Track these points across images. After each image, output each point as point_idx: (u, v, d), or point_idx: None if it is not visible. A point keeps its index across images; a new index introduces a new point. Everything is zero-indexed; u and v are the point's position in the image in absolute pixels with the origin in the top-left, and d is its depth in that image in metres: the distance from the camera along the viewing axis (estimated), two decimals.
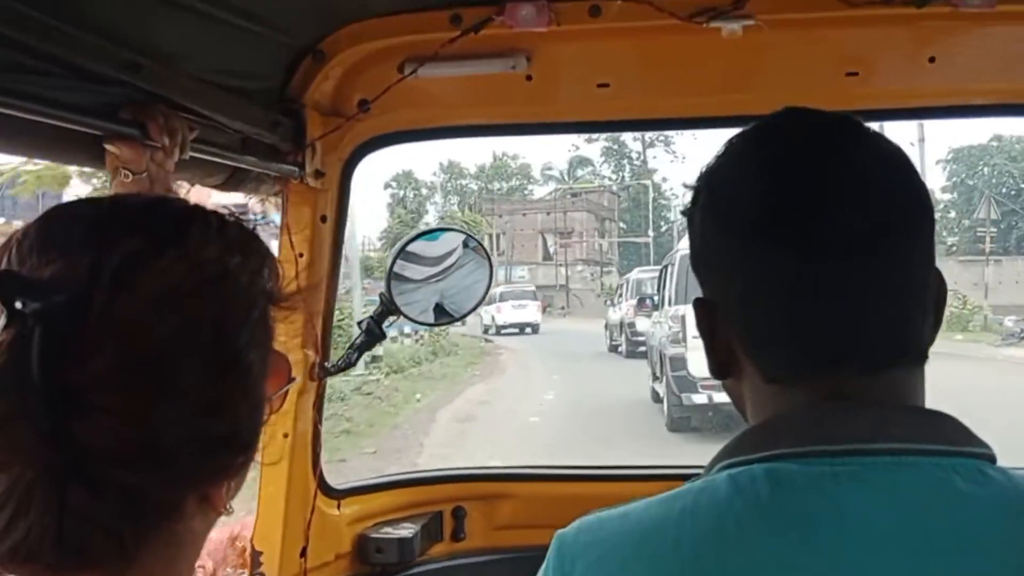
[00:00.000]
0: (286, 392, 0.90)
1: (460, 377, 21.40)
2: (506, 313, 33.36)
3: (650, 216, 62.54)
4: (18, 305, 0.68)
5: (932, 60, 1.82)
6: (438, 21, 1.80)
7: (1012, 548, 0.74)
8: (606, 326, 28.15)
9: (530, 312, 34.86)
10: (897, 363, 0.82)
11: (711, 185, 0.88)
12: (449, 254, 2.16)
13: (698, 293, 0.90)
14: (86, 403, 0.69)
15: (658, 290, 16.74)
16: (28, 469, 0.69)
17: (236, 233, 0.81)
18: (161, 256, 0.73)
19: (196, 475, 0.76)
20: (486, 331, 30.81)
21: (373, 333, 2.00)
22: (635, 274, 28.58)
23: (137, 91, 1.37)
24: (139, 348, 0.71)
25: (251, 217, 0.88)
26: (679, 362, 13.24)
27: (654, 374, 15.99)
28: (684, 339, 13.12)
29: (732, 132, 0.91)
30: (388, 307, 1.99)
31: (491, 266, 2.12)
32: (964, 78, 1.86)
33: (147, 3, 1.35)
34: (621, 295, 28.05)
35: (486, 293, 2.11)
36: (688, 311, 13.21)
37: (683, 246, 15.15)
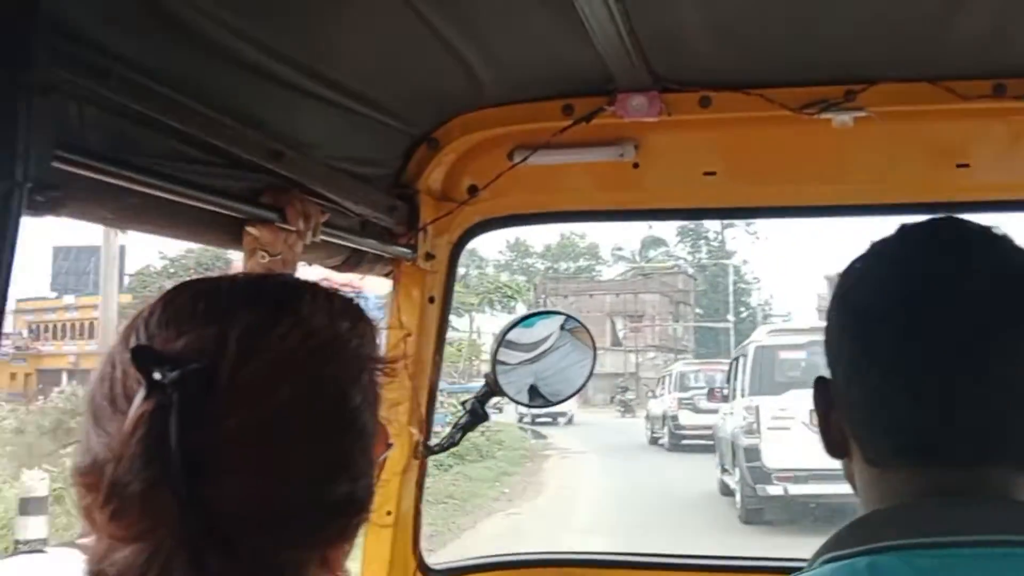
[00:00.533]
0: (385, 459, 0.93)
1: (480, 498, 15.89)
2: None
3: (730, 300, 57.40)
4: (156, 376, 0.72)
5: None
6: (549, 111, 1.86)
7: None
8: (647, 418, 27.52)
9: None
10: (991, 461, 0.83)
11: (849, 277, 0.93)
12: (545, 339, 2.16)
13: (771, 384, 0.93)
14: (218, 468, 0.72)
15: (728, 382, 16.55)
16: (169, 536, 0.71)
17: (342, 303, 0.86)
18: (278, 324, 0.78)
19: (320, 535, 0.79)
20: (520, 419, 29.11)
21: (477, 414, 2.02)
22: (678, 367, 28.01)
23: (276, 177, 1.44)
24: (263, 411, 0.75)
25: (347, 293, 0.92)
26: (753, 453, 13.00)
27: (722, 466, 15.72)
28: (759, 430, 12.91)
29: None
30: (492, 388, 2.01)
31: (593, 349, 2.11)
32: None
33: (287, 94, 1.44)
34: (663, 387, 27.58)
35: (588, 378, 2.10)
36: (762, 402, 13.03)
37: (757, 337, 14.91)
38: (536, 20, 1.49)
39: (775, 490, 12.65)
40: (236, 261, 1.84)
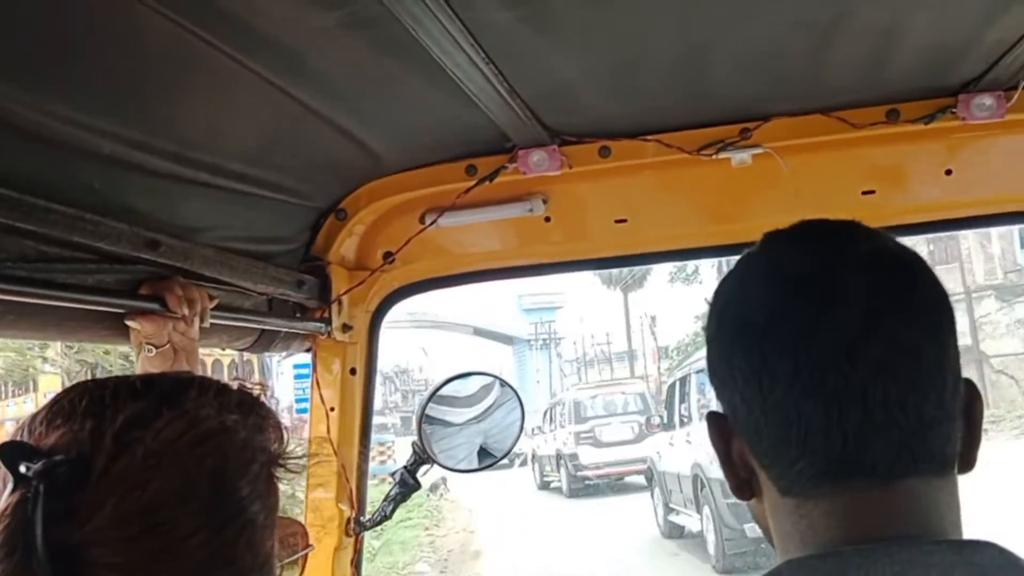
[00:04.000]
0: (305, 557, 0.90)
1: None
2: None
3: None
4: (22, 469, 0.71)
5: (949, 172, 1.83)
6: (454, 172, 1.85)
7: None
8: (533, 458, 22.48)
9: None
10: (912, 472, 0.77)
11: (721, 295, 0.87)
12: (486, 395, 2.12)
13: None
14: (87, 561, 0.70)
15: (666, 407, 14.88)
16: None
17: (235, 396, 0.84)
18: (159, 416, 0.76)
19: None
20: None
21: (407, 484, 1.97)
22: (571, 394, 22.57)
23: (156, 266, 1.40)
24: (137, 503, 0.72)
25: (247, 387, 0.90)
26: None
27: (667, 505, 14.31)
28: None
29: None
30: (421, 456, 1.96)
31: (521, 405, 2.09)
32: (981, 188, 1.86)
33: (158, 183, 1.38)
34: (552, 420, 21.95)
35: (520, 431, 2.08)
36: None
37: (700, 355, 14.44)
38: (415, 90, 1.45)
39: None
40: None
